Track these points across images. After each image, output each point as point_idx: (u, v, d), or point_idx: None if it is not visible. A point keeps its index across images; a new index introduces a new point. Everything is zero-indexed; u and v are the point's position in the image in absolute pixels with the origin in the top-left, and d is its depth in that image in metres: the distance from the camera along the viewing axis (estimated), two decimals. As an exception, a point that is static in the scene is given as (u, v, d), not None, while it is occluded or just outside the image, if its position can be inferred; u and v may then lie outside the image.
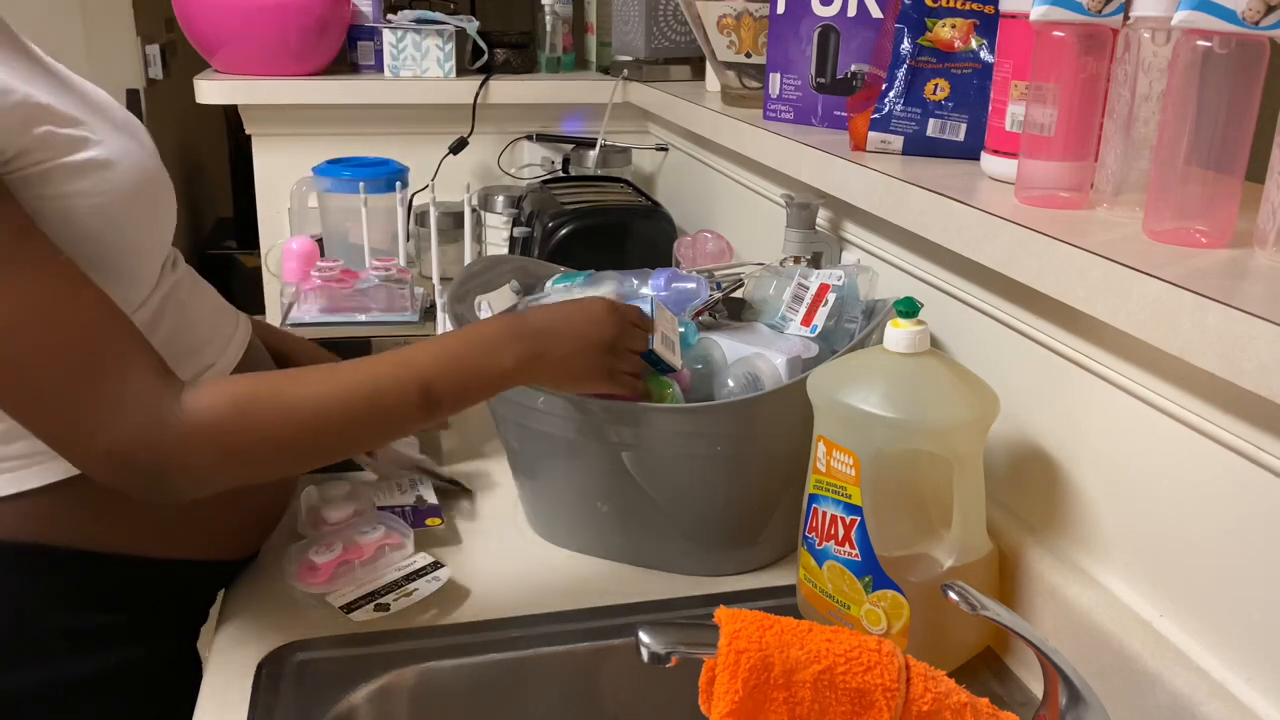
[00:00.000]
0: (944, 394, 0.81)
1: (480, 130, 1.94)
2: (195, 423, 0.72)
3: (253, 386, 0.75)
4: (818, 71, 1.27)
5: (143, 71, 3.54)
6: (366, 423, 0.78)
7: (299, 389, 0.76)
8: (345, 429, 0.77)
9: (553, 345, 0.84)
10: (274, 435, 0.75)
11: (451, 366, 0.80)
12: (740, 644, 0.64)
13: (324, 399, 0.76)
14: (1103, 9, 0.79)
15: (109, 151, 0.77)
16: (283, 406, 0.75)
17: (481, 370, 0.82)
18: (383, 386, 0.77)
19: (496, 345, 0.82)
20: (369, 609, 0.89)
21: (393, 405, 0.78)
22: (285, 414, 0.75)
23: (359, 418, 0.77)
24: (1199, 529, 0.72)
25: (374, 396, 0.77)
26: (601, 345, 0.87)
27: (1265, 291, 0.64)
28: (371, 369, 0.78)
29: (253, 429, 0.74)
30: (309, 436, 0.76)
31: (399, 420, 0.80)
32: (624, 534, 0.98)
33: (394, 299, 1.21)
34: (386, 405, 0.78)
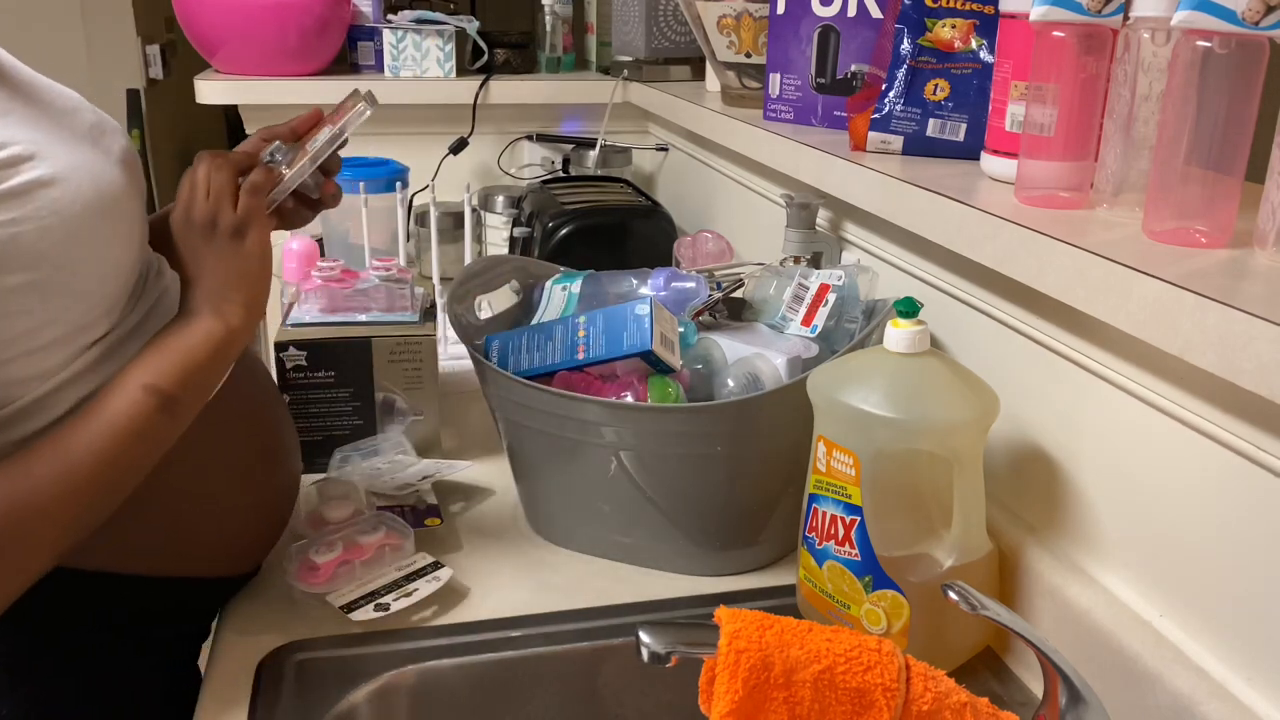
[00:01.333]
0: (944, 394, 0.81)
1: (480, 130, 1.94)
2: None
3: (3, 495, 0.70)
4: (818, 71, 1.28)
5: (143, 71, 3.54)
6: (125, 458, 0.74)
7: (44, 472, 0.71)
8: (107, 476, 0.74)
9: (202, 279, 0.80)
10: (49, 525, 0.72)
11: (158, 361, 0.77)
12: (740, 644, 0.64)
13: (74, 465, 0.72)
14: (1103, 9, 0.79)
15: (54, 168, 0.72)
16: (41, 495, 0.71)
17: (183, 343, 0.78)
18: (117, 416, 0.74)
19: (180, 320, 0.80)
20: (369, 609, 0.89)
21: (132, 424, 0.74)
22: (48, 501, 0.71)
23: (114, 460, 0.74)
24: (1199, 529, 0.72)
25: (115, 431, 0.74)
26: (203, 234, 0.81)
27: (1265, 291, 0.64)
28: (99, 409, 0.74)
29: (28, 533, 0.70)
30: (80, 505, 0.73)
31: (151, 436, 0.76)
32: (624, 534, 0.98)
33: (394, 299, 1.21)
34: (127, 429, 0.74)
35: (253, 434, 0.92)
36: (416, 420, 1.20)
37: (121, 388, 0.75)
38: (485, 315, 1.12)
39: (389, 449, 1.13)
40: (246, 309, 0.81)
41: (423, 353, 1.19)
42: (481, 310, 1.12)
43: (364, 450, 1.12)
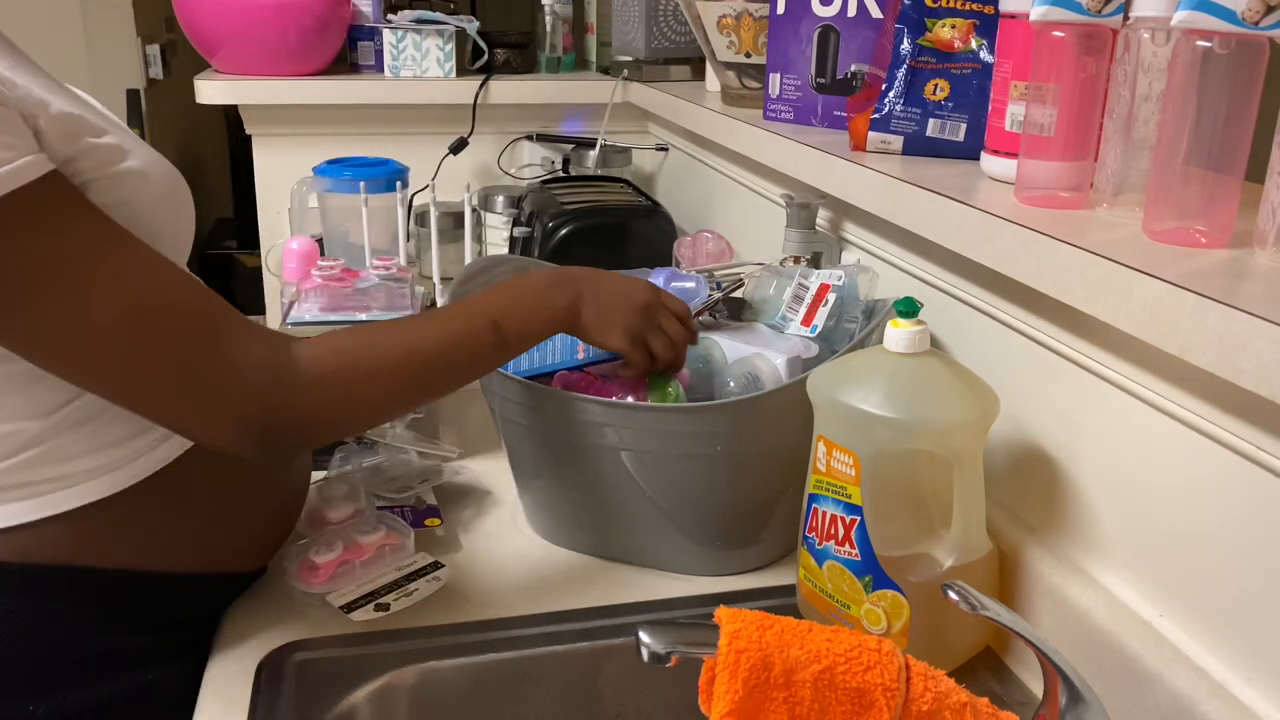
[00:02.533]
0: (944, 394, 0.81)
1: (480, 130, 1.94)
2: (312, 377, 0.76)
3: (349, 340, 0.80)
4: (818, 71, 1.28)
5: (143, 71, 3.54)
6: (451, 362, 0.85)
7: (389, 338, 0.82)
8: (433, 370, 0.84)
9: (593, 293, 0.92)
10: (374, 383, 0.80)
11: (513, 307, 0.87)
12: (740, 644, 0.64)
13: (411, 346, 0.82)
14: (1103, 9, 0.79)
15: (141, 161, 0.78)
16: (378, 359, 0.80)
17: (538, 309, 0.89)
18: (460, 328, 0.85)
19: (547, 289, 0.90)
20: (369, 609, 0.89)
21: (472, 343, 0.85)
22: (381, 364, 0.80)
23: (443, 358, 0.84)
24: (1199, 529, 0.72)
25: (457, 340, 0.84)
26: (635, 305, 0.93)
27: (1265, 291, 0.64)
28: (449, 316, 0.86)
29: (360, 378, 0.79)
30: (405, 379, 0.82)
31: (478, 357, 0.87)
32: (624, 534, 0.98)
33: (394, 298, 1.21)
34: (466, 344, 0.85)
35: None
36: (416, 419, 1.20)
37: (472, 312, 0.86)
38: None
39: (389, 447, 1.13)
40: (581, 324, 0.92)
41: (423, 353, 1.18)
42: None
43: (365, 448, 1.12)
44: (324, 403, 0.77)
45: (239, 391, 0.73)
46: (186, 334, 0.72)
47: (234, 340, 0.74)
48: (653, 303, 0.95)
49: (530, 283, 0.91)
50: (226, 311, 0.75)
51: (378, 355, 0.80)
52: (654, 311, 0.94)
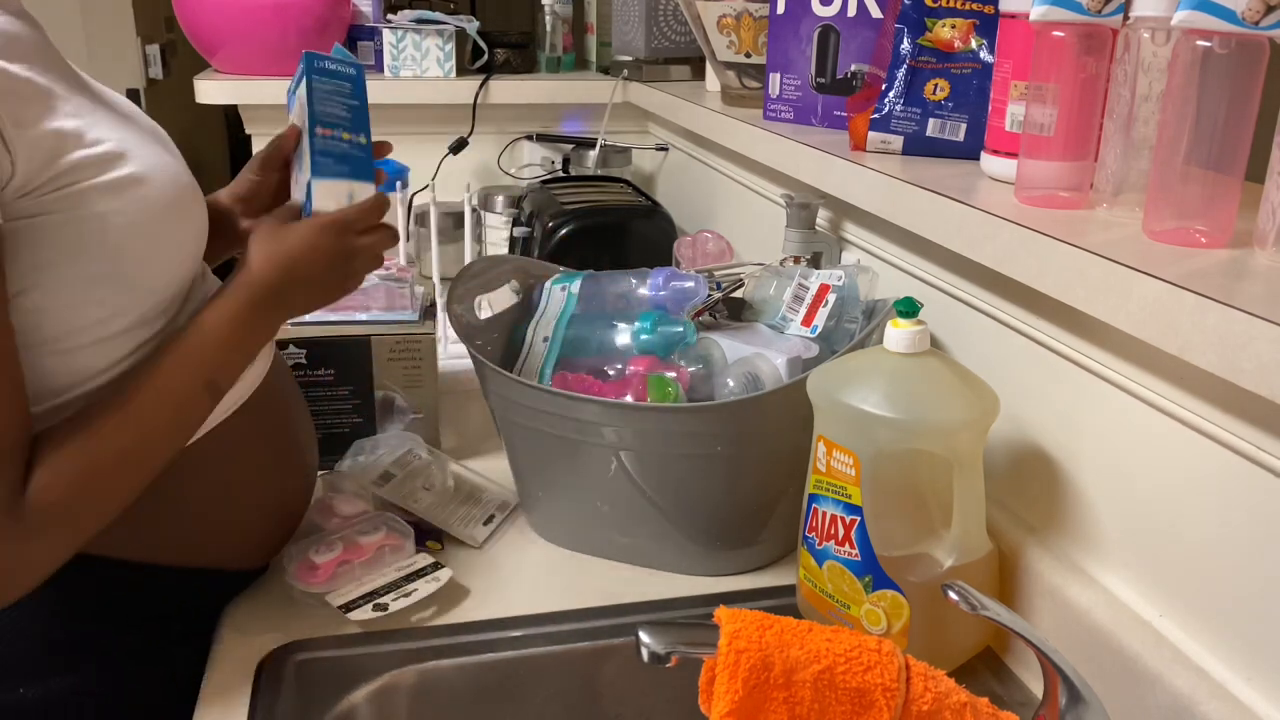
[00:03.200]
0: (944, 394, 0.81)
1: (480, 130, 1.94)
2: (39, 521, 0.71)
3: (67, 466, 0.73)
4: (818, 71, 1.27)
5: (143, 71, 3.54)
6: (170, 430, 0.80)
7: (101, 435, 0.75)
8: (155, 445, 0.79)
9: (296, 292, 0.87)
10: (107, 492, 0.76)
11: (226, 357, 0.83)
12: (740, 644, 0.64)
13: (127, 435, 0.76)
14: (1103, 9, 0.79)
15: (142, 166, 0.77)
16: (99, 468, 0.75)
17: (248, 345, 0.85)
18: (173, 401, 0.79)
19: (254, 321, 0.84)
20: (368, 609, 0.89)
21: (191, 412, 0.81)
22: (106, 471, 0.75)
23: (162, 431, 0.79)
24: (1199, 529, 0.72)
25: (169, 414, 0.79)
26: (328, 260, 0.87)
27: (1265, 291, 0.64)
28: (156, 389, 0.78)
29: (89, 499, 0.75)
30: (132, 474, 0.77)
31: (196, 415, 0.82)
32: (624, 534, 0.98)
33: (394, 298, 1.21)
34: (185, 414, 0.81)
35: (273, 431, 0.94)
36: (416, 418, 1.20)
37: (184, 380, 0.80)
38: (485, 315, 1.12)
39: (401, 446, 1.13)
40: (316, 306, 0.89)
41: (422, 352, 1.19)
42: (481, 310, 1.12)
43: (378, 445, 1.12)
44: (60, 537, 0.74)
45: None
46: None
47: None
48: (337, 245, 0.88)
49: (237, 317, 0.83)
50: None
51: (99, 462, 0.75)
52: (346, 252, 0.88)
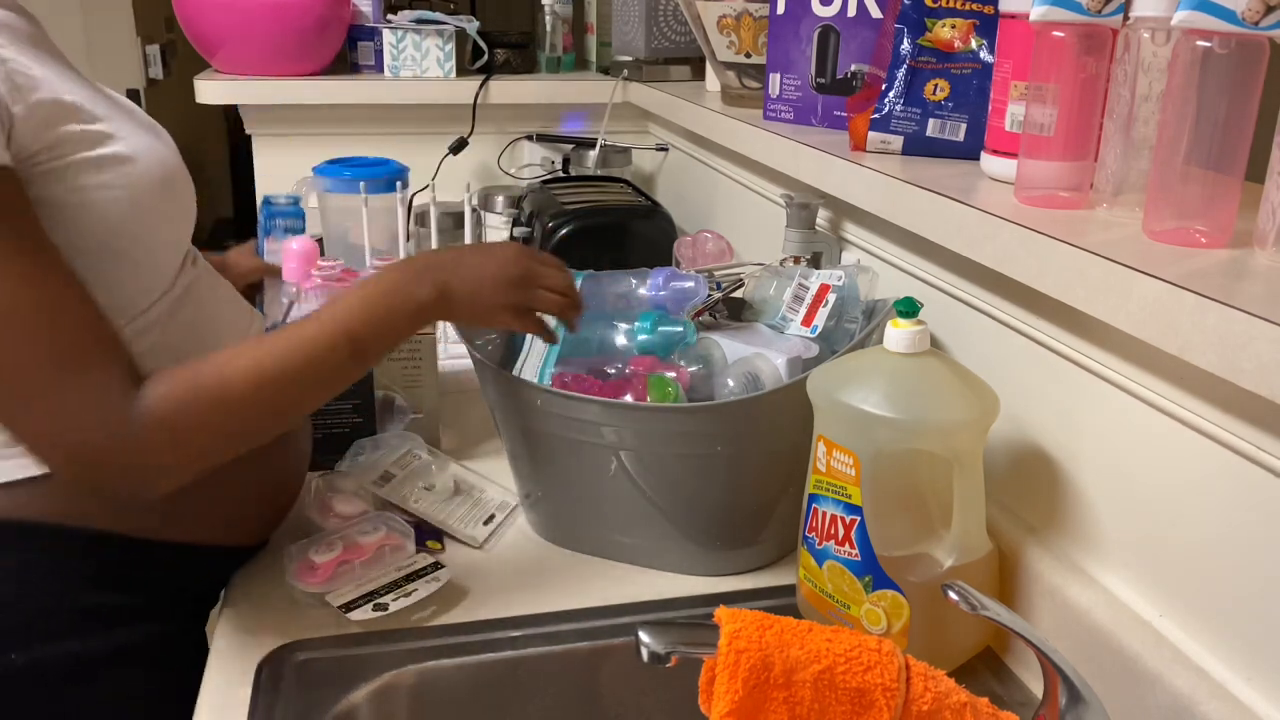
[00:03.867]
0: (944, 394, 0.81)
1: (480, 130, 1.94)
2: (153, 422, 0.74)
3: (195, 375, 0.77)
4: (818, 71, 1.27)
5: (143, 71, 3.54)
6: (306, 383, 0.81)
7: (238, 365, 0.78)
8: (287, 394, 0.81)
9: (459, 278, 0.87)
10: (225, 417, 0.78)
11: (372, 313, 0.83)
12: (740, 644, 0.64)
13: (262, 369, 0.78)
14: (1103, 9, 0.79)
15: (130, 148, 0.81)
16: (228, 387, 0.77)
17: (399, 310, 0.85)
18: (313, 346, 0.80)
19: (408, 284, 0.85)
20: (368, 609, 0.89)
21: (326, 361, 0.81)
22: (230, 393, 0.77)
23: (297, 380, 0.80)
24: (1199, 529, 0.72)
25: (307, 357, 0.80)
26: (507, 280, 0.89)
27: (1265, 291, 0.64)
28: (299, 333, 0.81)
29: (205, 416, 0.77)
30: (257, 407, 0.79)
31: (334, 374, 0.83)
32: (624, 534, 0.98)
33: (394, 299, 1.21)
34: (320, 362, 0.81)
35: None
36: (416, 418, 1.20)
37: (325, 326, 0.81)
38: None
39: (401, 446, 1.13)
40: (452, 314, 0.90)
41: (422, 352, 1.19)
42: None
43: (378, 445, 1.12)
44: (163, 447, 0.75)
45: (62, 438, 0.73)
46: (25, 366, 0.72)
47: (74, 384, 0.73)
48: (526, 269, 0.90)
49: (386, 282, 0.86)
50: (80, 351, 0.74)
51: (226, 386, 0.77)
52: (529, 277, 0.90)
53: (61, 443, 0.73)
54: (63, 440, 0.73)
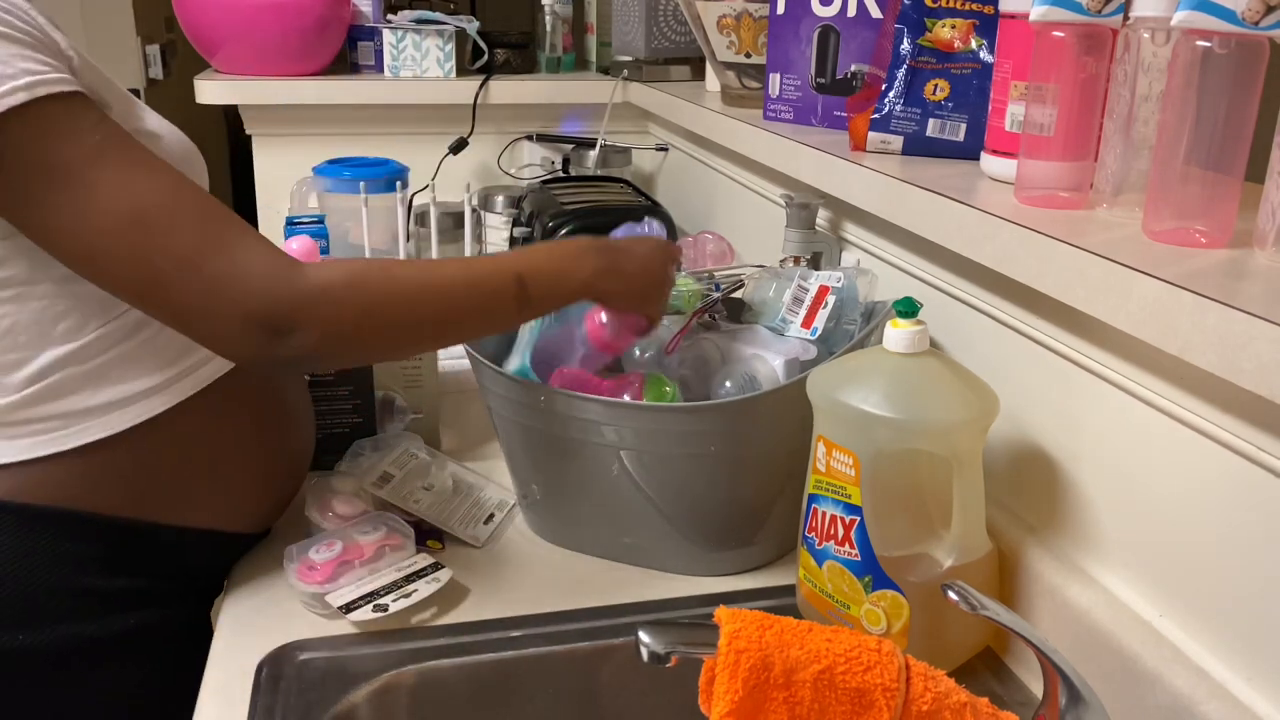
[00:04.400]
0: (944, 394, 0.81)
1: (480, 130, 1.94)
2: (318, 285, 0.76)
3: (364, 265, 0.81)
4: (818, 71, 1.27)
5: (143, 71, 3.54)
6: (468, 305, 0.84)
7: (406, 270, 0.82)
8: (449, 309, 0.83)
9: (625, 260, 0.92)
10: (385, 306, 0.79)
11: (541, 265, 0.86)
12: (740, 644, 0.64)
13: (429, 279, 0.81)
14: (1102, 9, 0.79)
15: (154, 125, 0.85)
16: (392, 282, 0.79)
17: (567, 272, 0.88)
18: (482, 274, 0.84)
19: (578, 253, 0.89)
20: (368, 609, 0.89)
21: (491, 291, 0.84)
22: (395, 288, 0.79)
23: (461, 299, 0.83)
24: (1199, 529, 0.72)
25: (474, 281, 0.83)
26: (662, 268, 0.95)
27: (1265, 291, 0.64)
28: (472, 263, 0.87)
29: (366, 298, 0.78)
30: (416, 312, 0.81)
31: (496, 307, 0.85)
32: (624, 534, 0.98)
33: (394, 299, 1.21)
34: (485, 290, 0.84)
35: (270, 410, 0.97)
36: (416, 418, 1.20)
37: (498, 262, 0.86)
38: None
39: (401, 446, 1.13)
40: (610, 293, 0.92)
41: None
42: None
43: (378, 445, 1.13)
44: (329, 315, 0.76)
45: (241, 288, 0.74)
46: (189, 232, 0.74)
47: (239, 242, 0.75)
48: (668, 264, 0.95)
49: (564, 247, 0.90)
50: (233, 218, 0.77)
51: (392, 280, 0.80)
52: (664, 276, 0.95)
53: (229, 308, 0.74)
54: (230, 306, 0.74)
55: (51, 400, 0.83)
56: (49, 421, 0.83)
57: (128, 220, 0.73)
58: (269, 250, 0.76)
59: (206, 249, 0.74)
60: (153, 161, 0.76)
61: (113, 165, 0.74)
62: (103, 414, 0.84)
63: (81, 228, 0.73)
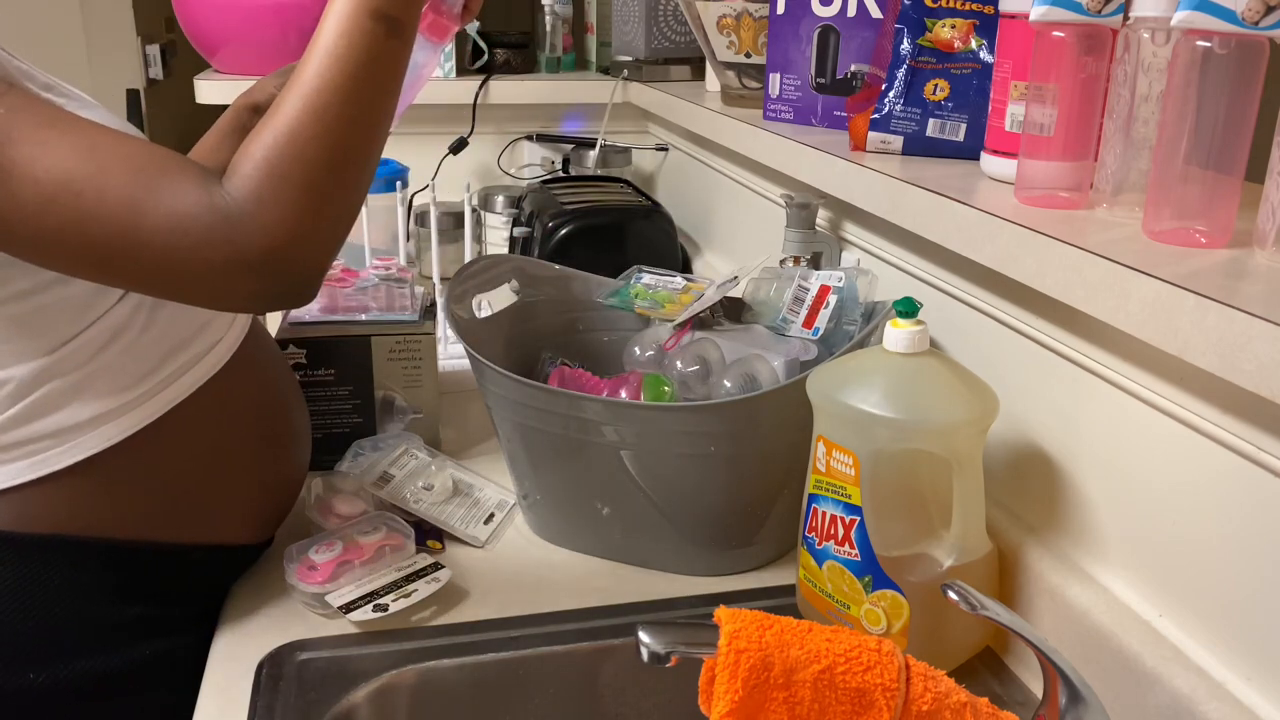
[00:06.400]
0: (944, 394, 0.81)
1: (480, 130, 1.94)
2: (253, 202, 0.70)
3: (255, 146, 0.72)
4: (818, 71, 1.27)
5: (143, 71, 3.54)
6: (359, 83, 0.74)
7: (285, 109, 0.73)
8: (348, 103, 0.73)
9: None
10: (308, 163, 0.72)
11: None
12: (740, 644, 0.64)
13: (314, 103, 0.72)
14: (1102, 9, 0.79)
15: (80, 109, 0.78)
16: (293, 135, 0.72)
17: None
18: (346, 48, 0.74)
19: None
20: (368, 609, 0.89)
21: (368, 53, 0.74)
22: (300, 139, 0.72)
23: (349, 85, 0.73)
24: (1198, 529, 0.72)
25: (342, 59, 0.73)
26: None
27: (1265, 291, 0.64)
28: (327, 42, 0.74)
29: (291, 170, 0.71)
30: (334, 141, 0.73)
31: (381, 59, 0.75)
32: (624, 534, 0.98)
33: (394, 298, 1.21)
34: (359, 56, 0.74)
35: (257, 397, 0.95)
36: (416, 418, 1.20)
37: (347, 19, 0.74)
38: (484, 314, 1.12)
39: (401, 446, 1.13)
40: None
41: (422, 351, 1.19)
42: (481, 309, 1.12)
43: (378, 445, 1.13)
44: (282, 217, 0.71)
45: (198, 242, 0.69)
46: (120, 190, 0.69)
47: (172, 187, 0.70)
48: None
49: None
50: (157, 160, 0.71)
51: (293, 136, 0.72)
52: None
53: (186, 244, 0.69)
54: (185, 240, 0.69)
55: (39, 418, 0.80)
56: (41, 441, 0.81)
57: (53, 192, 0.68)
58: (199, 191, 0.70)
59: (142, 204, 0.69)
60: (64, 121, 0.71)
61: (25, 140, 0.69)
62: (93, 427, 0.82)
63: (12, 214, 0.69)
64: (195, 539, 0.90)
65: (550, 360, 1.14)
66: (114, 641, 0.85)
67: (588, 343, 1.20)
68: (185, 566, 0.90)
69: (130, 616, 0.86)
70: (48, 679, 0.82)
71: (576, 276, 1.20)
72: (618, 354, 1.14)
